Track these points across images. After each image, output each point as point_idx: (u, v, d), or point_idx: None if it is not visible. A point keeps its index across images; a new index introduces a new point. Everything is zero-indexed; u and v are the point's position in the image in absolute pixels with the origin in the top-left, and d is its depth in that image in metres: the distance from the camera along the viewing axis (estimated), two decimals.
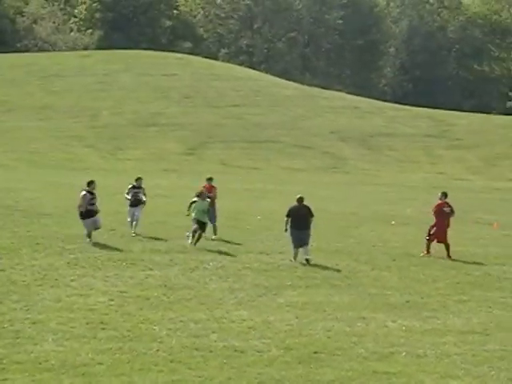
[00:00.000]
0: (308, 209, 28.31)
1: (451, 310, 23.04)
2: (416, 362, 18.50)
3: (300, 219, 28.00)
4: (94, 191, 29.18)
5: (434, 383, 17.34)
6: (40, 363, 17.02)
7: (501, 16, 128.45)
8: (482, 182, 58.91)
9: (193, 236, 29.01)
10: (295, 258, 27.95)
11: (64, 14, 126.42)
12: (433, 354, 19.15)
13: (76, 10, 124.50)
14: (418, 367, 18.20)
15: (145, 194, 32.07)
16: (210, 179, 33.57)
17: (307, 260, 27.68)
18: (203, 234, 29.61)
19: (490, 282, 26.94)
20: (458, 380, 17.54)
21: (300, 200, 28.39)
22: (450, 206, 31.21)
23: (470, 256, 30.75)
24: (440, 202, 31.33)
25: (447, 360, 18.76)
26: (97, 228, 29.14)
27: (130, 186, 32.02)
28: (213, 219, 32.10)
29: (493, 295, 25.11)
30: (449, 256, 30.45)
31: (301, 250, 28.01)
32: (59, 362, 17.10)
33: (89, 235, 28.83)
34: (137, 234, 31.37)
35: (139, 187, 32.07)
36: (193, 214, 29.31)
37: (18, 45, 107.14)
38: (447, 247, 30.64)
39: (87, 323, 19.81)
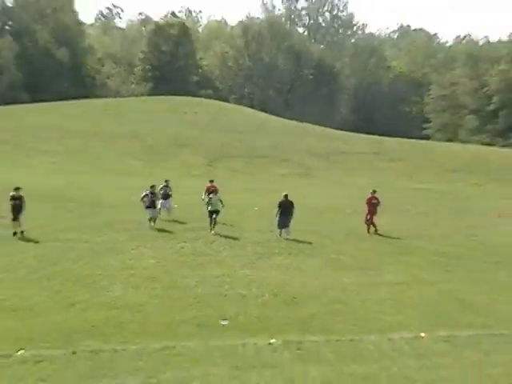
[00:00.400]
0: (291, 202, 28.28)
1: (385, 269, 23.14)
2: (362, 304, 18.65)
3: (285, 209, 28.02)
4: (155, 191, 28.88)
5: (373, 317, 17.48)
6: (111, 303, 17.15)
7: (416, 73, 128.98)
8: (405, 184, 58.99)
9: (210, 224, 28.08)
10: (280, 234, 27.98)
11: (127, 73, 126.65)
12: (373, 298, 19.32)
13: (135, 69, 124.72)
14: (363, 307, 18.36)
15: (171, 190, 31.47)
16: (211, 181, 32.87)
17: (287, 237, 27.74)
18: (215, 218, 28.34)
19: (409, 250, 27.02)
20: (390, 316, 17.69)
21: (286, 196, 28.37)
22: (377, 199, 31.08)
23: (396, 234, 30.78)
24: (370, 196, 31.21)
25: (383, 303, 18.91)
26: (155, 216, 28.63)
27: (162, 185, 31.29)
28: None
29: (411, 259, 25.21)
30: (376, 232, 30.45)
31: (283, 230, 28.05)
32: (124, 303, 17.23)
33: (150, 219, 28.36)
34: (170, 220, 30.52)
35: (167, 186, 31.47)
36: (209, 208, 28.25)
37: (97, 93, 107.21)
38: (375, 226, 30.62)
39: (141, 278, 19.92)
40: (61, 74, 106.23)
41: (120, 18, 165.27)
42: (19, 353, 13.38)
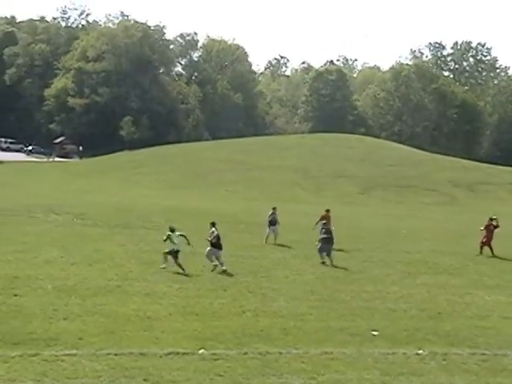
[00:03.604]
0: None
1: None
2: (503, 321, 17.77)
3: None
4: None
5: None
6: (277, 312, 17.31)
7: None
8: None
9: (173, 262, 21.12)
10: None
11: (291, 114, 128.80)
12: None
13: (298, 111, 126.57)
14: (504, 324, 17.50)
15: (277, 217, 28.36)
16: (327, 210, 28.18)
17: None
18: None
19: None
20: None
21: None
22: (494, 225, 28.51)
23: None
24: (488, 222, 29.13)
25: None
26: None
27: (270, 213, 28.46)
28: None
29: None
30: (493, 254, 28.08)
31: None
32: (288, 312, 17.34)
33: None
34: (266, 243, 27.89)
35: (274, 213, 28.50)
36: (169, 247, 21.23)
37: (266, 131, 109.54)
38: (491, 249, 28.13)
39: (302, 290, 19.95)
40: (236, 116, 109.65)
41: (286, 66, 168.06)
42: (200, 351, 13.77)
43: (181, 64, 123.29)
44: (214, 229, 21.83)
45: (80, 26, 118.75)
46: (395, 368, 13.69)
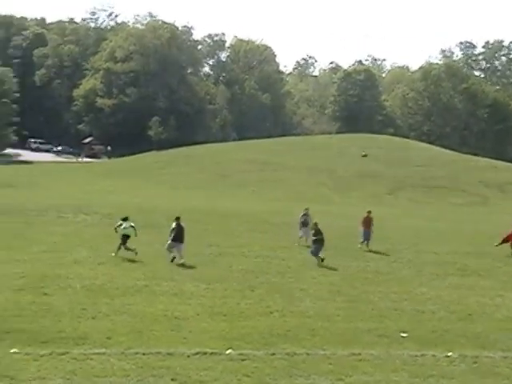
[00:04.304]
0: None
1: None
2: None
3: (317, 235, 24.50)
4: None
5: None
6: (304, 313, 17.29)
7: None
8: None
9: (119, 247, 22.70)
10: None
11: (319, 114, 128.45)
12: None
13: (326, 111, 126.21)
14: None
15: (309, 217, 28.07)
16: (369, 212, 28.50)
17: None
18: None
19: None
20: None
21: (316, 224, 24.75)
22: None
23: None
24: None
25: None
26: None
27: (302, 214, 28.37)
28: (369, 238, 27.71)
29: None
30: None
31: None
32: (314, 313, 17.33)
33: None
34: (299, 244, 27.69)
35: (306, 214, 28.34)
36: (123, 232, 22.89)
37: (293, 131, 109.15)
38: None
39: (329, 291, 19.93)
40: (263, 116, 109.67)
41: (314, 66, 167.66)
42: (228, 351, 13.80)
43: (208, 64, 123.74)
44: (174, 223, 22.71)
45: (108, 26, 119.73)
46: (424, 370, 13.59)
